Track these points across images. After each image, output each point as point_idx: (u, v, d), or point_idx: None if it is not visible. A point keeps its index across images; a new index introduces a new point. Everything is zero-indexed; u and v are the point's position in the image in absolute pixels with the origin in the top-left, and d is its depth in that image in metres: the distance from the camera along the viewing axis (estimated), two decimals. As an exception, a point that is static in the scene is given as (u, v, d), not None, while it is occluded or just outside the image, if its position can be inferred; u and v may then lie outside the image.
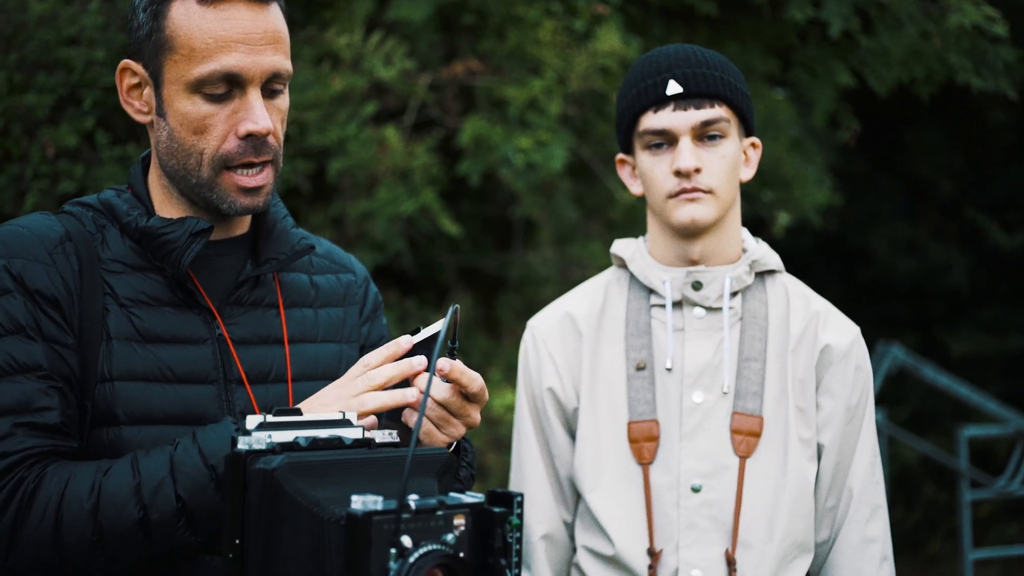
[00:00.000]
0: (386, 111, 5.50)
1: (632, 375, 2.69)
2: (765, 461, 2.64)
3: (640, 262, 2.75)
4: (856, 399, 2.70)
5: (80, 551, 1.92)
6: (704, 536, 2.62)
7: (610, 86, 5.54)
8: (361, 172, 5.30)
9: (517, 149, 5.32)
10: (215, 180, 2.11)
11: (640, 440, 2.66)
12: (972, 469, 8.12)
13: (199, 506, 1.92)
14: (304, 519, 1.65)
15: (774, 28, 6.05)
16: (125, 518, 1.91)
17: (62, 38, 4.72)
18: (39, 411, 1.98)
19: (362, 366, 2.01)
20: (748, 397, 2.66)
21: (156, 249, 2.10)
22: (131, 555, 1.94)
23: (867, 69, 5.94)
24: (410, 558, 1.57)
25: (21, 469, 1.94)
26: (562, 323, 2.77)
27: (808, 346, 2.70)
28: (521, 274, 6.27)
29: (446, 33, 5.80)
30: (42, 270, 2.04)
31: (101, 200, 2.18)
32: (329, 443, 1.75)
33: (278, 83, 2.13)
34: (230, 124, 2.09)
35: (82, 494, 1.92)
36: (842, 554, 2.68)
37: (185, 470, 1.92)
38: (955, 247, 10.63)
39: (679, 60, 2.67)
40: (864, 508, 2.68)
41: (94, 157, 4.74)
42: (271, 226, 2.24)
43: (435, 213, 5.34)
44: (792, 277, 2.81)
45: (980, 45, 5.68)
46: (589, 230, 6.29)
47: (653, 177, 2.68)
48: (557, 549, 2.75)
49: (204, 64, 2.06)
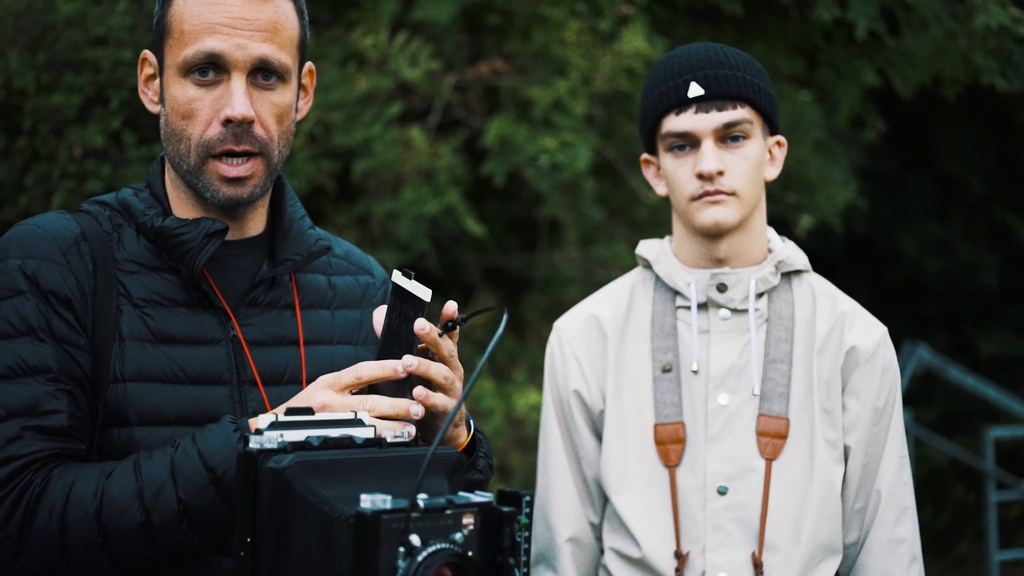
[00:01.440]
0: (411, 111, 5.52)
1: (658, 377, 2.69)
2: (791, 463, 2.63)
3: (665, 263, 2.74)
4: (883, 401, 2.68)
5: (85, 554, 1.93)
6: (730, 538, 2.61)
7: (635, 86, 5.54)
8: (386, 172, 5.32)
9: (542, 150, 5.34)
10: (201, 168, 2.12)
11: (666, 442, 2.65)
12: (998, 470, 8.08)
13: (200, 508, 1.92)
14: (314, 518, 1.66)
15: (800, 28, 6.04)
16: (128, 521, 1.92)
17: (90, 38, 4.76)
18: (47, 414, 1.99)
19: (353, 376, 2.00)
20: (774, 399, 2.64)
21: (171, 249, 2.12)
22: (136, 557, 1.95)
23: (892, 70, 5.93)
24: (419, 557, 1.58)
25: (28, 473, 1.95)
26: (587, 325, 2.76)
27: (834, 347, 2.68)
28: (546, 274, 6.28)
29: (471, 34, 5.81)
30: (56, 270, 2.06)
31: (119, 199, 2.19)
32: (340, 442, 1.76)
33: (272, 73, 2.13)
34: (214, 110, 2.09)
35: (86, 497, 1.94)
36: (871, 555, 2.66)
37: (185, 472, 1.92)
38: (985, 247, 10.58)
39: (700, 61, 2.65)
40: (892, 510, 2.67)
41: (121, 157, 4.78)
42: (288, 226, 2.25)
43: (460, 213, 5.36)
44: (819, 277, 2.79)
45: (1006, 46, 5.67)
46: (614, 230, 6.29)
47: (676, 179, 2.67)
48: (584, 551, 2.74)
49: (190, 46, 2.08)
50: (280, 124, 2.15)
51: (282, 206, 2.27)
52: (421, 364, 1.97)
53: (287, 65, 2.14)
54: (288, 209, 2.27)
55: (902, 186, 10.30)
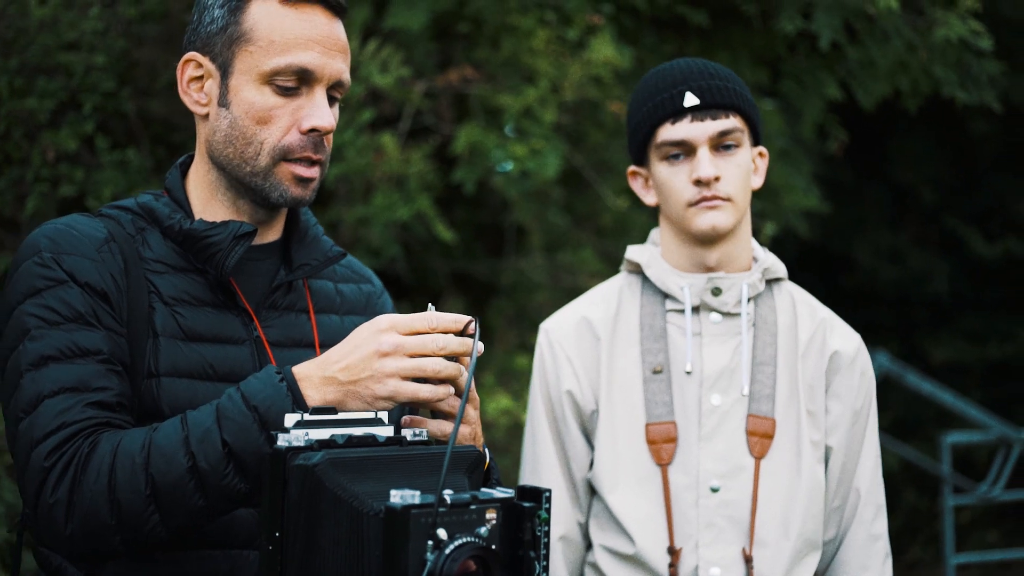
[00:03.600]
0: (382, 118, 5.56)
1: (648, 378, 2.77)
2: (778, 462, 2.72)
3: (657, 267, 2.82)
4: (861, 403, 2.80)
5: (134, 508, 1.94)
6: (722, 535, 2.69)
7: (603, 95, 5.61)
8: (357, 178, 5.35)
9: (511, 157, 5.39)
10: (271, 169, 2.18)
11: (659, 442, 2.73)
12: (955, 475, 8.22)
13: (244, 449, 1.92)
14: (344, 513, 1.70)
15: (764, 39, 6.13)
16: (175, 468, 1.93)
17: (62, 43, 4.75)
18: (98, 390, 2.03)
19: (428, 324, 1.99)
20: (762, 400, 2.74)
21: (200, 251, 2.17)
22: (184, 508, 1.94)
23: (854, 81, 6.03)
24: (446, 550, 1.64)
25: (79, 439, 1.98)
26: (579, 327, 2.83)
27: (817, 352, 2.79)
28: (512, 280, 6.33)
29: (441, 41, 5.86)
30: (91, 266, 2.10)
31: (140, 204, 2.24)
32: (364, 440, 1.81)
33: (339, 92, 2.22)
34: (294, 118, 2.17)
35: (134, 450, 1.95)
36: (850, 551, 2.77)
37: (229, 415, 1.94)
38: (937, 255, 10.74)
39: (693, 73, 2.75)
40: (870, 507, 2.79)
41: (94, 161, 4.79)
42: (303, 233, 2.33)
43: (430, 219, 5.40)
44: (795, 285, 2.90)
45: (965, 59, 5.79)
46: (579, 237, 6.35)
47: (672, 187, 2.75)
48: (572, 549, 2.82)
49: (282, 56, 2.14)
50: (333, 138, 2.25)
51: (297, 214, 2.35)
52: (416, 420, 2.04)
53: (349, 85, 2.25)
54: (303, 217, 2.35)
55: (856, 195, 10.43)
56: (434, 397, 1.95)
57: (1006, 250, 10.34)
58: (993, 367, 10.70)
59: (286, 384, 1.94)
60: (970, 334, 10.57)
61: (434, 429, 2.02)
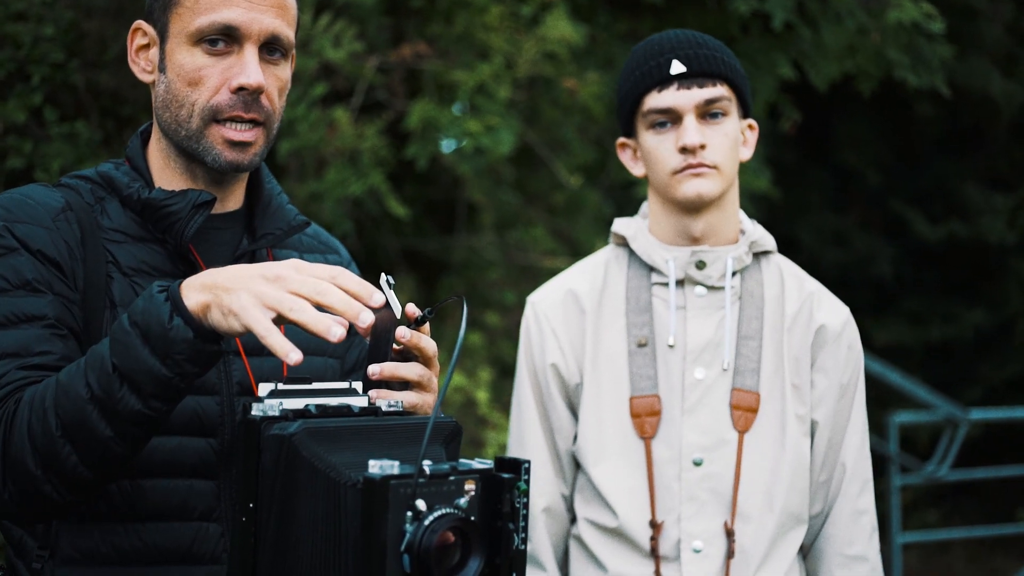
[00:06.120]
0: (335, 93, 5.52)
1: (633, 351, 2.76)
2: (763, 436, 2.71)
3: (643, 241, 2.81)
4: (848, 377, 2.78)
5: (51, 450, 1.88)
6: (704, 508, 2.69)
7: (558, 72, 5.59)
8: (310, 153, 5.31)
9: (465, 133, 5.36)
10: (203, 131, 2.14)
11: (642, 415, 2.72)
12: (902, 454, 8.30)
13: (133, 368, 1.85)
14: (321, 483, 1.68)
15: (717, 18, 6.13)
16: (76, 401, 1.87)
17: (10, 13, 4.68)
18: (38, 354, 1.99)
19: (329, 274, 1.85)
20: (746, 374, 2.73)
21: (158, 221, 2.13)
22: (94, 440, 1.88)
23: (807, 62, 6.05)
24: (425, 521, 1.61)
25: (10, 401, 1.94)
26: (565, 300, 2.83)
27: (803, 325, 2.78)
28: (463, 258, 6.31)
29: (394, 16, 5.82)
30: (45, 234, 2.07)
31: (99, 173, 2.20)
32: (338, 411, 1.78)
33: (277, 49, 2.17)
34: (224, 77, 2.13)
35: (46, 394, 1.91)
36: (835, 526, 2.76)
37: (116, 337, 1.88)
38: (881, 238, 10.82)
39: (681, 42, 2.74)
40: (856, 482, 2.77)
41: (42, 133, 4.71)
42: (267, 202, 2.29)
43: (383, 195, 5.37)
44: (785, 258, 2.89)
45: (917, 42, 5.82)
46: (531, 215, 6.34)
47: (658, 155, 2.74)
48: (556, 521, 2.81)
49: (205, 16, 2.11)
50: (280, 98, 2.21)
51: (260, 182, 2.31)
52: (386, 369, 1.97)
53: (291, 42, 2.19)
54: (266, 185, 2.31)
55: (801, 177, 10.49)
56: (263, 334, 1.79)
57: (949, 233, 10.44)
58: (934, 349, 10.81)
59: (166, 294, 1.86)
60: (913, 317, 10.67)
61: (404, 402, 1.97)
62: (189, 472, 2.11)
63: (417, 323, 2.01)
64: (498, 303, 6.00)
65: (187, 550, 2.09)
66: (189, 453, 2.10)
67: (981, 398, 10.34)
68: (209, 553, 2.11)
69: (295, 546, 1.71)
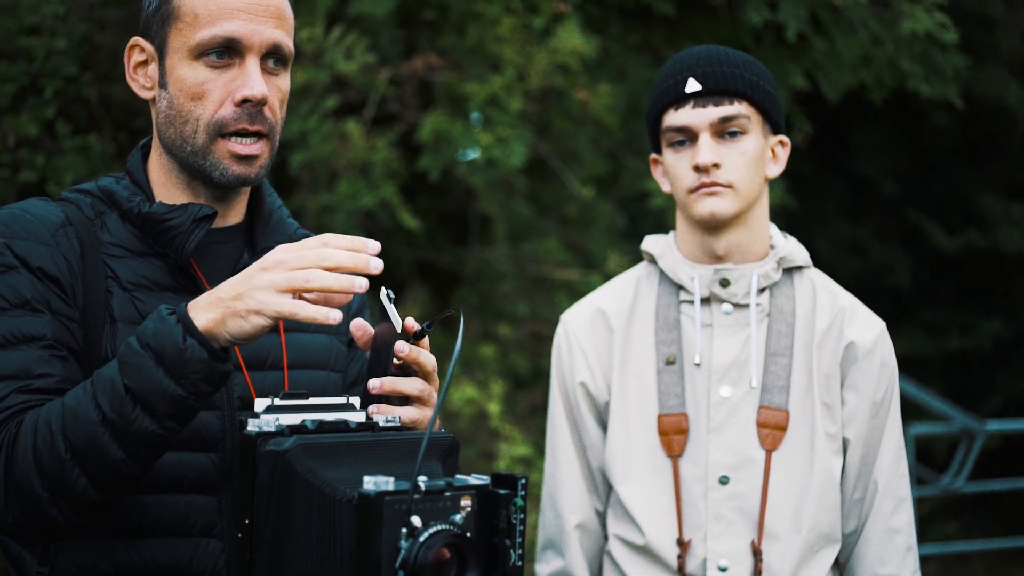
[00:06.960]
0: (347, 105, 5.53)
1: (662, 369, 2.76)
2: (791, 454, 2.69)
3: (670, 258, 2.81)
4: (881, 394, 2.75)
5: (60, 474, 1.89)
6: (731, 527, 2.68)
7: (570, 83, 5.59)
8: (322, 165, 5.32)
9: (477, 144, 5.37)
10: (209, 147, 2.13)
11: (670, 433, 2.73)
12: (918, 466, 8.25)
13: (147, 389, 1.86)
14: (316, 499, 1.68)
15: (730, 29, 6.12)
16: (87, 425, 1.88)
17: (23, 27, 4.70)
18: (38, 377, 1.99)
19: (319, 242, 1.91)
20: (775, 392, 2.71)
21: (159, 235, 2.13)
22: (106, 463, 1.89)
23: (820, 73, 6.03)
24: (420, 537, 1.61)
25: (11, 424, 1.95)
26: (593, 319, 2.84)
27: (833, 342, 2.74)
28: (476, 270, 6.31)
29: (407, 28, 5.82)
30: (45, 251, 2.07)
31: (100, 187, 2.20)
32: (335, 426, 1.78)
33: (278, 60, 2.17)
34: (227, 91, 2.12)
35: (51, 417, 1.91)
36: (868, 544, 2.73)
37: (126, 359, 1.89)
38: (898, 248, 10.78)
39: (701, 60, 2.74)
40: (889, 500, 2.73)
41: (55, 147, 4.73)
42: (267, 215, 2.28)
43: (395, 207, 5.37)
44: (820, 272, 2.86)
45: (931, 52, 5.79)
46: (544, 227, 6.34)
47: (676, 173, 2.74)
48: (590, 538, 2.83)
49: (206, 29, 2.10)
50: (281, 109, 2.20)
51: (261, 196, 2.30)
52: (386, 383, 1.98)
53: (291, 51, 2.18)
54: (267, 199, 2.30)
55: (817, 187, 10.45)
56: (295, 310, 1.83)
57: (967, 243, 10.38)
58: (951, 360, 10.76)
59: (176, 316, 1.88)
60: (931, 327, 10.62)
61: (404, 417, 1.98)
62: (189, 487, 2.11)
63: (416, 337, 2.01)
64: (511, 315, 6.00)
65: (187, 566, 2.09)
66: (190, 468, 2.10)
67: (1000, 408, 10.28)
68: (209, 569, 2.10)
69: (291, 562, 1.71)
